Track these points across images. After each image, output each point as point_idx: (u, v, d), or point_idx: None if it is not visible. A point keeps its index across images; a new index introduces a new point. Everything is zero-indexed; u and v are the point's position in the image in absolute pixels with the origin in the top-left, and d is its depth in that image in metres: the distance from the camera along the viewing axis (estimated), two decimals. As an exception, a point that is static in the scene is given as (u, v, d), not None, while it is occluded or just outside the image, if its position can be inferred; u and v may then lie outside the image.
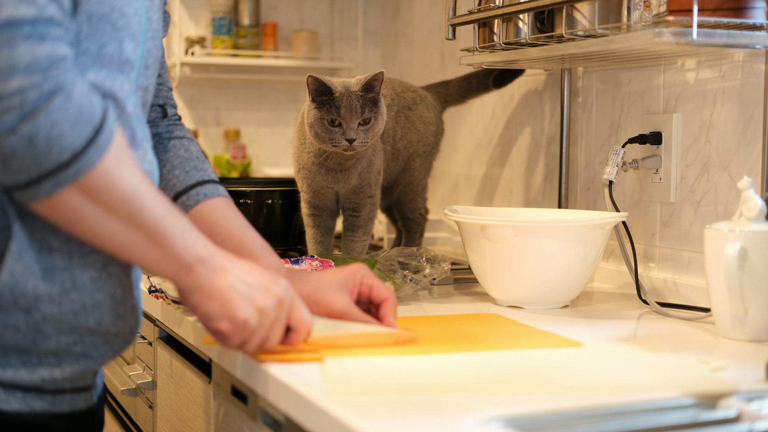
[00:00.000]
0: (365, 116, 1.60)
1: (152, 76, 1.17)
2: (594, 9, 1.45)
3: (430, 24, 2.54)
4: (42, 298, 1.01)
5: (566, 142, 1.89)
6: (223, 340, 1.07)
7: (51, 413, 1.06)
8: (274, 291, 1.07)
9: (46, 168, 0.92)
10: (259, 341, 1.07)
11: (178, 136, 1.37)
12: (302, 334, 1.12)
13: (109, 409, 2.00)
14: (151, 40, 1.14)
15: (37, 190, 0.94)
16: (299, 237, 1.97)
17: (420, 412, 0.91)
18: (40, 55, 0.91)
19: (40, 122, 0.90)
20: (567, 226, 1.47)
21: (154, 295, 1.46)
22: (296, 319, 1.10)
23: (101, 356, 1.09)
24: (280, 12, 2.88)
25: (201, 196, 1.29)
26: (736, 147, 1.51)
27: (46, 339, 1.03)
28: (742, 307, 1.24)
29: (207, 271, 1.03)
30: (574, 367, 1.10)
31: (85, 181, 0.94)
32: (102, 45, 1.03)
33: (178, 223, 1.02)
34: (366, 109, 1.61)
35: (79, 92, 0.94)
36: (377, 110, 1.63)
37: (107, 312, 1.07)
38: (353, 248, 1.74)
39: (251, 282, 1.06)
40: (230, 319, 1.04)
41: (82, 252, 1.04)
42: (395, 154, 1.84)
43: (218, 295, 1.04)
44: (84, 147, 0.93)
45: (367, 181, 1.71)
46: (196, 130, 2.80)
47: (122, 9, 1.04)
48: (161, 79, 1.39)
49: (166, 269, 1.03)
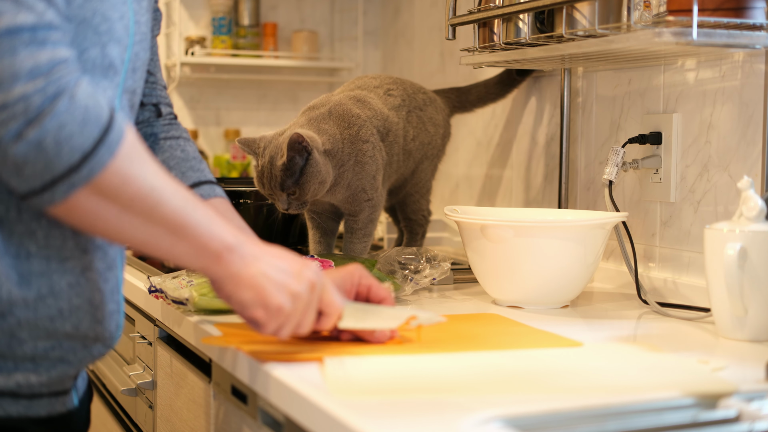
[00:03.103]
0: (288, 191, 1.58)
1: (140, 78, 1.17)
2: (594, 9, 1.45)
3: (430, 24, 2.54)
4: (17, 303, 1.01)
5: (566, 142, 1.89)
6: (258, 327, 1.07)
7: (27, 417, 1.06)
8: (306, 276, 1.07)
9: (59, 171, 0.92)
10: (293, 327, 1.08)
11: (174, 136, 1.37)
12: (333, 318, 1.12)
13: (109, 409, 2.00)
14: (139, 44, 1.13)
15: (52, 194, 0.93)
16: (299, 237, 1.97)
17: (420, 412, 0.91)
18: (42, 60, 0.91)
19: (46, 126, 0.90)
20: (567, 226, 1.47)
21: (154, 295, 1.46)
22: (327, 303, 1.11)
23: (79, 361, 1.09)
24: (280, 12, 2.88)
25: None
26: (736, 147, 1.51)
27: (22, 344, 1.02)
28: (742, 307, 1.24)
29: (238, 258, 1.03)
30: (574, 367, 1.10)
31: (99, 181, 0.94)
32: (84, 50, 1.02)
33: (201, 213, 1.02)
34: (288, 183, 1.57)
35: (83, 93, 0.93)
36: (304, 177, 1.57)
37: (85, 317, 1.06)
38: (353, 250, 1.74)
39: (283, 267, 1.06)
40: (265, 307, 1.05)
41: (60, 257, 1.04)
42: (407, 155, 1.82)
43: (251, 283, 1.04)
44: (94, 147, 0.93)
45: (360, 187, 1.69)
46: (196, 130, 2.80)
47: (105, 13, 1.04)
48: (154, 78, 1.39)
49: (195, 261, 1.03)
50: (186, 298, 1.37)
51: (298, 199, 1.59)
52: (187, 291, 1.37)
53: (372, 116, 1.73)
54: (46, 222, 1.02)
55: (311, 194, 1.59)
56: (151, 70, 1.38)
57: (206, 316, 1.37)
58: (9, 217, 1.01)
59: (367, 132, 1.70)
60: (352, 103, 1.73)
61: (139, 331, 1.76)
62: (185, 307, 1.40)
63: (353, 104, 1.73)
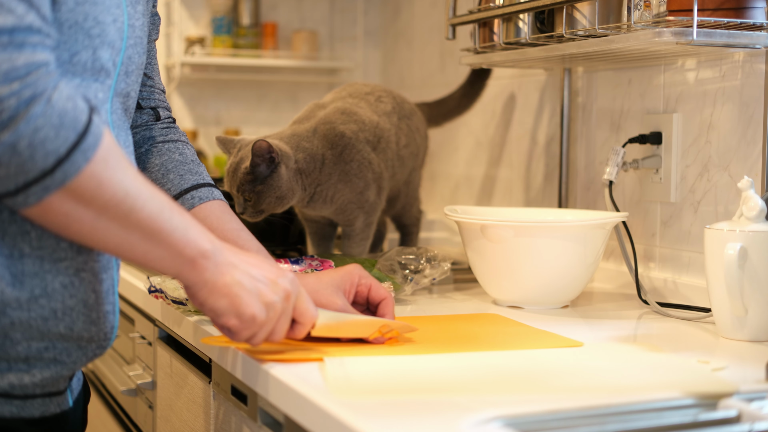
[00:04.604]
0: (244, 195, 1.57)
1: (134, 82, 1.17)
2: (594, 9, 1.45)
3: (430, 24, 2.54)
4: (10, 303, 1.01)
5: (566, 142, 1.89)
6: (231, 335, 1.07)
7: (20, 418, 1.06)
8: (282, 285, 1.07)
9: (32, 175, 0.92)
10: (266, 335, 1.08)
11: (173, 140, 1.37)
12: (307, 327, 1.12)
13: (109, 409, 2.00)
14: (133, 47, 1.13)
15: (26, 197, 0.93)
16: (299, 237, 1.97)
17: (420, 412, 0.91)
18: (18, 63, 0.90)
19: (20, 129, 0.90)
20: (567, 226, 1.47)
21: (153, 295, 1.46)
22: (301, 312, 1.11)
23: (73, 362, 1.08)
24: (280, 12, 2.88)
25: (196, 199, 1.29)
26: (736, 147, 1.51)
27: (15, 345, 1.02)
28: (742, 307, 1.24)
29: (212, 265, 1.03)
30: (574, 367, 1.10)
31: (73, 186, 0.94)
32: (74, 53, 1.02)
33: (177, 219, 1.01)
34: (245, 188, 1.56)
35: (61, 97, 0.93)
36: (262, 186, 1.56)
37: (79, 318, 1.06)
38: (352, 253, 1.74)
39: (258, 276, 1.06)
40: (238, 315, 1.05)
41: (54, 258, 1.03)
42: (401, 162, 1.81)
43: (225, 291, 1.04)
44: (68, 151, 0.92)
45: (348, 200, 1.68)
46: (196, 130, 2.80)
47: (97, 17, 1.04)
48: (152, 81, 1.39)
49: (170, 266, 1.02)
50: (186, 298, 1.37)
51: (254, 207, 1.57)
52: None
53: (359, 130, 1.70)
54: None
55: (266, 205, 1.57)
56: (150, 74, 1.38)
57: (206, 316, 1.37)
58: (2, 217, 1.01)
59: (353, 151, 1.67)
60: (340, 118, 1.70)
61: (139, 331, 1.76)
62: (185, 307, 1.40)
63: (340, 121, 1.69)
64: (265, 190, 1.56)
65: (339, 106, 1.74)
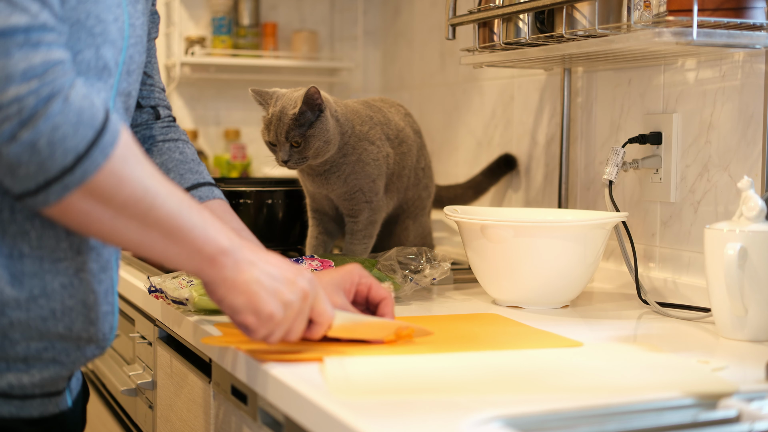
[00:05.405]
0: (293, 140, 1.59)
1: (135, 81, 1.17)
2: (594, 9, 1.45)
3: (430, 24, 2.54)
4: (9, 303, 1.01)
5: (566, 142, 1.89)
6: (248, 333, 1.08)
7: (19, 418, 1.06)
8: (300, 284, 1.07)
9: (52, 173, 0.92)
10: (283, 334, 1.08)
11: (173, 139, 1.37)
12: (323, 328, 1.13)
13: (109, 409, 2.00)
14: (134, 47, 1.13)
15: (46, 195, 0.93)
16: (299, 237, 1.97)
17: (420, 412, 0.91)
18: (35, 61, 0.91)
19: (39, 128, 0.90)
20: (567, 226, 1.47)
21: (154, 295, 1.46)
22: (319, 312, 1.11)
23: (72, 362, 1.09)
24: (280, 12, 2.88)
25: (196, 199, 1.29)
26: (736, 147, 1.51)
27: (14, 345, 1.02)
28: (742, 307, 1.24)
29: (231, 262, 1.03)
30: (574, 367, 1.10)
31: (92, 183, 0.94)
32: (78, 51, 1.02)
33: (196, 216, 1.01)
34: (294, 133, 1.58)
35: (78, 95, 0.93)
36: (312, 131, 1.59)
37: (78, 318, 1.06)
38: (353, 251, 1.74)
39: (277, 275, 1.06)
40: (256, 313, 1.05)
41: (53, 258, 1.04)
42: (417, 180, 1.83)
43: (244, 288, 1.04)
44: (87, 149, 0.93)
45: (358, 187, 1.69)
46: (196, 130, 2.80)
47: (99, 15, 1.04)
48: (152, 80, 1.39)
49: (189, 264, 1.03)
50: (186, 298, 1.37)
51: (300, 153, 1.60)
52: (186, 291, 1.37)
53: (385, 123, 1.75)
54: (39, 223, 1.02)
55: (314, 150, 1.61)
56: (149, 73, 1.38)
57: (206, 316, 1.37)
58: (2, 217, 1.01)
59: (376, 134, 1.71)
60: (367, 108, 1.76)
61: (139, 331, 1.76)
62: (185, 307, 1.40)
63: (367, 108, 1.75)
64: (314, 134, 1.60)
65: (368, 102, 1.80)
